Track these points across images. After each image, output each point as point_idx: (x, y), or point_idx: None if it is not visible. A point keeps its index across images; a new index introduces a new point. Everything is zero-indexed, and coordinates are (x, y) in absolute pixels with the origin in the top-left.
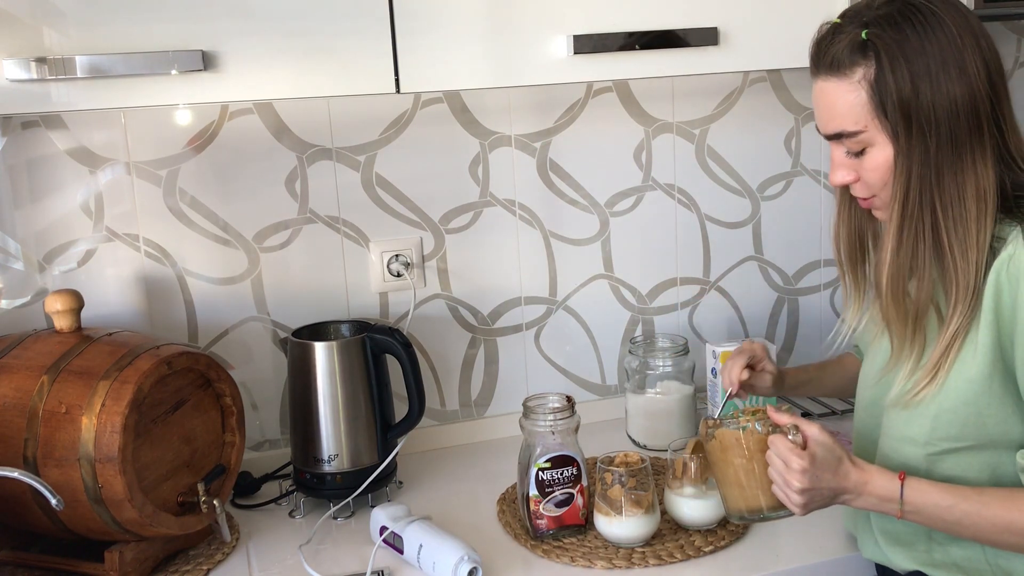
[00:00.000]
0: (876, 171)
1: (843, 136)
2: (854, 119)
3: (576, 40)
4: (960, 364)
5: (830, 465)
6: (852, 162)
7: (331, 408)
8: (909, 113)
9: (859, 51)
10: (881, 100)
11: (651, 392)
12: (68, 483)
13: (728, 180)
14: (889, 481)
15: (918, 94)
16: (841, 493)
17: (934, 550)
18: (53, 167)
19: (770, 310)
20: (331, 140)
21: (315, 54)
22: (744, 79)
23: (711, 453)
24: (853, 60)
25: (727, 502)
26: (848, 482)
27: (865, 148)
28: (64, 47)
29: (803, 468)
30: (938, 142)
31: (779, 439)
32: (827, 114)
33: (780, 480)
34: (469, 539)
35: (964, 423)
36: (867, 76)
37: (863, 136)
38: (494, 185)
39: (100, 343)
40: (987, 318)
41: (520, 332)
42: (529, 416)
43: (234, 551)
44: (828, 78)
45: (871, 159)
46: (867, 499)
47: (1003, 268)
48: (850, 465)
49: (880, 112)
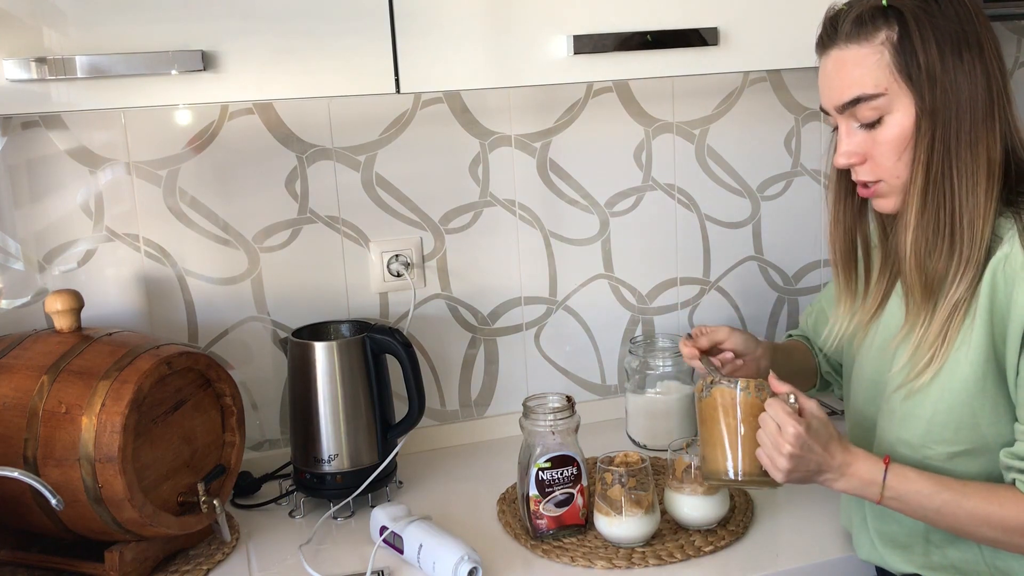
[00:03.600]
0: (890, 143)
1: (860, 101)
2: (874, 82)
3: (576, 40)
4: (954, 363)
5: (821, 438)
6: (862, 139)
7: (331, 408)
8: (934, 74)
9: (881, 16)
10: (906, 61)
11: (651, 392)
12: (68, 483)
13: (728, 180)
14: (874, 464)
15: (943, 57)
16: (825, 471)
17: (931, 552)
18: (53, 167)
19: (770, 310)
20: (331, 140)
21: (315, 54)
22: (744, 79)
23: (703, 411)
24: (875, 25)
25: (707, 462)
26: (834, 460)
27: (882, 116)
28: (64, 47)
29: (797, 433)
30: (958, 108)
31: (777, 402)
32: (844, 82)
33: (770, 443)
34: (469, 539)
35: (959, 426)
36: (890, 39)
37: (881, 101)
38: (494, 185)
39: (100, 343)
40: (982, 316)
41: (520, 332)
42: (529, 416)
43: (234, 551)
44: (846, 46)
45: (886, 130)
46: (849, 480)
47: (999, 266)
48: (839, 445)
49: (904, 74)
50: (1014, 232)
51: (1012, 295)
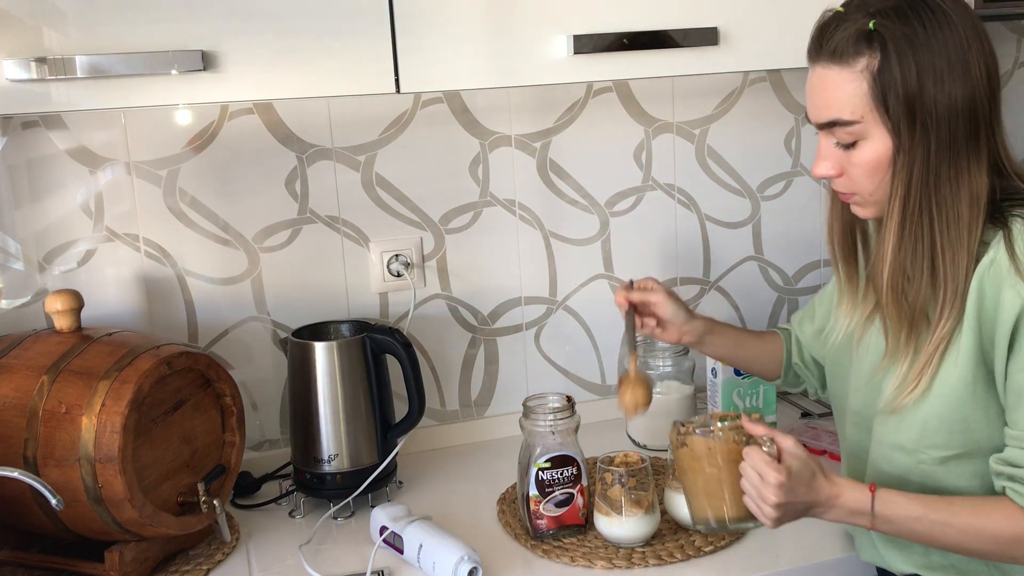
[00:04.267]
0: (863, 166)
1: (836, 125)
2: (851, 109)
3: (576, 40)
4: (944, 371)
5: (804, 479)
6: (839, 155)
7: (331, 408)
8: (913, 108)
9: (864, 41)
10: (883, 93)
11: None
12: (68, 483)
13: (728, 180)
14: (860, 493)
15: (922, 91)
16: (813, 506)
17: (931, 552)
18: (53, 167)
19: (770, 310)
20: (331, 140)
21: (315, 54)
22: (744, 79)
23: (681, 461)
24: (857, 49)
25: (694, 511)
26: (820, 495)
27: (857, 141)
28: (64, 47)
29: (780, 482)
30: (937, 142)
31: (755, 451)
32: (823, 102)
33: (755, 493)
34: (469, 539)
35: (951, 430)
36: (871, 67)
37: (857, 128)
38: (494, 185)
39: (100, 343)
40: (969, 323)
41: (520, 332)
42: (529, 416)
43: (234, 551)
44: (829, 65)
45: (861, 153)
46: (838, 511)
47: (985, 273)
48: (823, 479)
49: (881, 105)
50: (999, 237)
51: (999, 300)
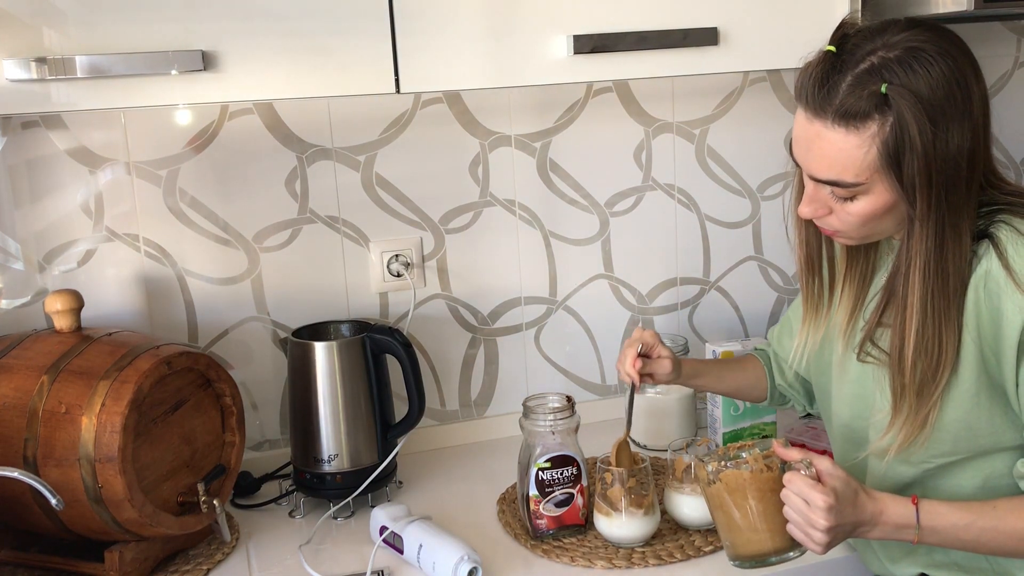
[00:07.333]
0: (860, 216)
1: (837, 185)
2: (855, 172)
3: (576, 40)
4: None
5: (849, 499)
6: (830, 201)
7: (331, 408)
8: (930, 172)
9: (874, 105)
10: (896, 158)
11: (651, 392)
12: (68, 483)
13: (728, 180)
14: (904, 507)
15: (936, 151)
16: (859, 525)
17: (935, 551)
18: (53, 167)
19: (770, 310)
20: (331, 140)
21: (315, 54)
22: (744, 79)
23: (713, 498)
24: (868, 114)
25: (735, 548)
26: (865, 514)
27: (856, 196)
28: (64, 47)
29: (829, 505)
30: (948, 202)
31: (796, 476)
32: (824, 162)
33: (802, 520)
34: (469, 539)
35: (956, 439)
36: (881, 135)
37: (860, 187)
38: (494, 185)
39: (100, 343)
40: (970, 334)
41: (520, 332)
42: (529, 416)
43: (234, 551)
44: (834, 127)
45: (858, 205)
46: (883, 528)
47: (980, 284)
48: (865, 496)
49: (891, 170)
50: (988, 247)
51: (1000, 310)
